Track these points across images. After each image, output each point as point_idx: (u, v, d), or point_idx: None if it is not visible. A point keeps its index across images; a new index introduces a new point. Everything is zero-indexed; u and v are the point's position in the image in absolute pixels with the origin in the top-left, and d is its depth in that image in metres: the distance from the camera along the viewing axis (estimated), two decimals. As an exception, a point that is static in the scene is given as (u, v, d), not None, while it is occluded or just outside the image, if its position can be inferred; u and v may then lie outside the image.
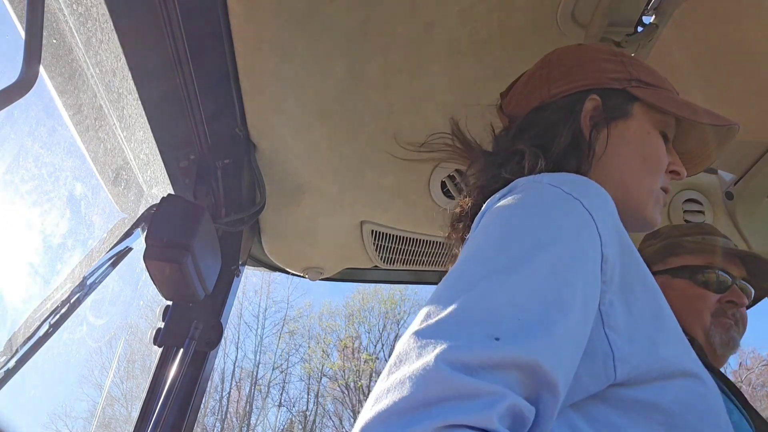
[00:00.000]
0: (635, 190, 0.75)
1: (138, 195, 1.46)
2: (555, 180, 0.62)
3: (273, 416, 18.58)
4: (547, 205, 0.59)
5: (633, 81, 0.79)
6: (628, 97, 0.78)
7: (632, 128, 0.78)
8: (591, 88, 0.79)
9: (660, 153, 0.78)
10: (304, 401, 19.09)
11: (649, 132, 0.78)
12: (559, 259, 0.53)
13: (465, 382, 0.41)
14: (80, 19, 1.06)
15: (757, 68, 1.21)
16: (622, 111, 0.78)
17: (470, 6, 1.11)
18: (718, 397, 0.61)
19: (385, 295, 19.66)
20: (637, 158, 0.77)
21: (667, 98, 0.79)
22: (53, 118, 1.13)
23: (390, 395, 0.43)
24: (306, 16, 1.11)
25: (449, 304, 0.49)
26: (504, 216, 0.60)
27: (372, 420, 0.42)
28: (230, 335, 18.12)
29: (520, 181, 0.66)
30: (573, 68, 0.82)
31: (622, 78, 0.79)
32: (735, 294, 1.15)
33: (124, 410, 1.98)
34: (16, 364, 0.99)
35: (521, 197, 0.62)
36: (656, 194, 0.77)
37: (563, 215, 0.58)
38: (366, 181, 1.55)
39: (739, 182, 1.58)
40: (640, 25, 1.10)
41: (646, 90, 0.79)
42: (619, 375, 0.54)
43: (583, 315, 0.52)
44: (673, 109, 0.77)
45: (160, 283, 1.17)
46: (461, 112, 0.94)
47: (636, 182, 0.76)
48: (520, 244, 0.55)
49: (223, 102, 1.25)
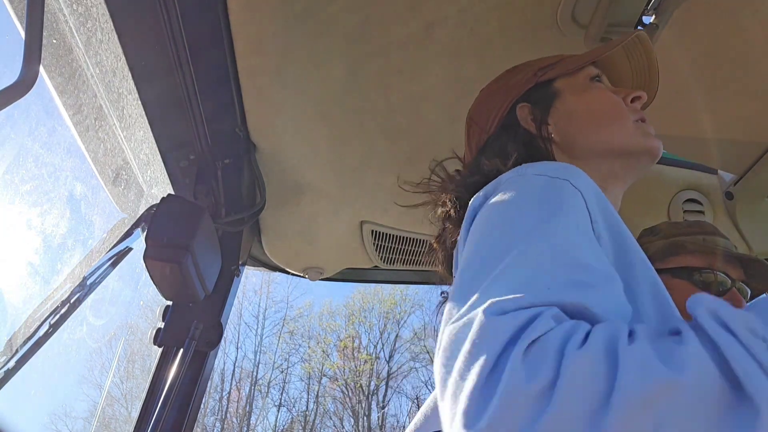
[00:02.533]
0: (615, 139, 0.76)
1: (138, 195, 1.46)
2: (538, 169, 0.63)
3: (273, 416, 18.58)
4: (540, 189, 0.60)
5: (537, 72, 0.85)
6: (543, 85, 0.84)
7: (568, 100, 0.82)
8: (511, 101, 0.85)
9: (604, 98, 0.81)
10: (304, 401, 19.09)
11: (583, 90, 0.82)
12: (569, 225, 0.53)
13: (532, 310, 0.40)
14: (80, 19, 1.06)
15: (757, 68, 1.21)
16: (549, 95, 0.83)
17: (470, 6, 1.11)
18: None
19: (385, 295, 19.67)
20: (591, 117, 0.79)
21: (569, 61, 0.85)
22: (53, 118, 1.13)
23: (459, 367, 0.39)
24: (306, 16, 1.11)
25: (481, 283, 0.47)
26: (501, 207, 0.60)
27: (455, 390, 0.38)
28: (230, 335, 18.12)
29: (503, 177, 0.65)
30: (490, 101, 0.89)
31: (529, 78, 0.86)
32: (734, 297, 1.15)
33: (124, 410, 1.98)
34: (16, 364, 0.99)
35: (512, 188, 0.61)
36: (634, 127, 0.78)
37: (558, 193, 0.58)
38: (366, 181, 1.55)
39: (739, 182, 1.58)
40: (640, 25, 1.10)
41: (552, 70, 0.85)
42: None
43: (608, 267, 0.51)
44: (581, 62, 0.83)
45: (160, 283, 1.17)
46: (461, 112, 0.94)
47: (609, 133, 0.77)
48: (525, 222, 0.54)
49: (223, 102, 1.25)
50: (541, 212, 0.55)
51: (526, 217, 0.55)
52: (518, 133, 0.81)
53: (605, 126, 0.78)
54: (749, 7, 1.09)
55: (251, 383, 18.60)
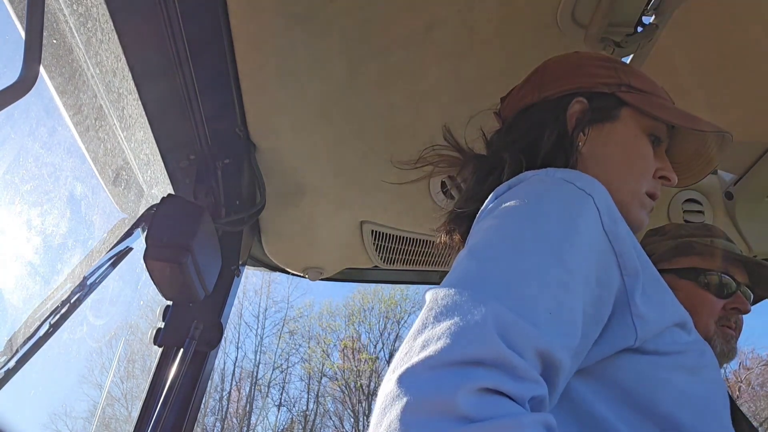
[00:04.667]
0: (618, 192, 0.76)
1: (138, 195, 1.46)
2: (567, 175, 0.65)
3: (273, 416, 18.59)
4: (562, 201, 0.62)
5: (623, 86, 0.81)
6: (616, 101, 0.80)
7: (619, 131, 0.79)
8: (579, 91, 0.81)
9: (646, 157, 0.79)
10: (304, 401, 19.10)
11: (636, 136, 0.79)
12: (579, 256, 0.57)
13: (516, 359, 0.45)
14: (80, 19, 1.06)
15: (757, 68, 1.21)
16: (609, 114, 0.79)
17: (470, 6, 1.11)
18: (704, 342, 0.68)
19: (385, 295, 19.67)
20: (622, 161, 0.78)
21: (658, 104, 0.80)
22: (53, 118, 1.13)
23: (437, 344, 0.45)
24: (306, 16, 1.11)
25: (488, 273, 0.53)
26: (522, 208, 0.62)
27: (420, 365, 0.44)
28: (230, 335, 18.13)
29: (528, 173, 0.68)
30: (564, 73, 0.84)
31: (612, 83, 0.81)
32: (740, 301, 1.15)
33: (124, 410, 1.98)
34: (16, 364, 0.99)
35: (536, 190, 0.64)
36: (640, 198, 0.78)
37: (578, 211, 0.61)
38: (366, 181, 1.55)
39: (739, 182, 1.58)
40: (640, 25, 1.09)
41: (635, 95, 0.80)
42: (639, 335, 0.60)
43: (594, 319, 0.57)
44: (663, 115, 0.78)
45: (160, 283, 1.17)
46: (461, 112, 0.94)
47: (619, 184, 0.76)
48: (541, 238, 0.58)
49: (223, 102, 1.25)
50: (555, 232, 0.58)
51: (540, 240, 0.57)
52: (557, 121, 0.79)
53: (623, 176, 0.77)
54: (749, 7, 1.09)
55: (251, 383, 18.61)
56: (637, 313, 0.60)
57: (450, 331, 0.46)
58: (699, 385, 0.63)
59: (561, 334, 0.51)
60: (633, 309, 0.60)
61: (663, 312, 0.63)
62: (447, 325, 0.47)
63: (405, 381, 0.44)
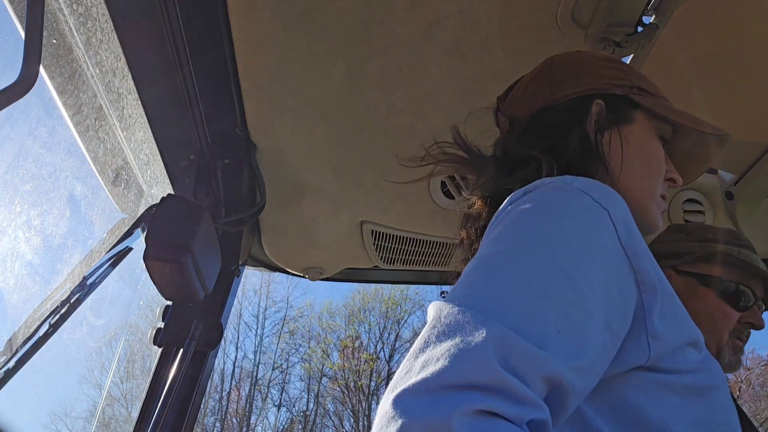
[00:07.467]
0: (639, 194, 0.76)
1: (138, 195, 1.46)
2: (584, 185, 0.64)
3: (273, 416, 18.59)
4: (577, 213, 0.61)
5: (634, 88, 0.81)
6: (630, 103, 0.80)
7: (635, 133, 0.79)
8: (594, 92, 0.80)
9: (661, 159, 0.80)
10: (304, 401, 19.10)
11: (651, 138, 0.80)
12: (593, 272, 0.56)
13: (515, 383, 0.44)
14: (80, 19, 1.06)
15: (757, 68, 1.21)
16: (626, 116, 0.79)
17: (470, 6, 1.11)
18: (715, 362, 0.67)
19: (385, 295, 19.67)
20: (641, 163, 0.78)
21: (666, 106, 0.81)
22: (53, 118, 1.13)
23: (436, 365, 0.45)
24: (306, 16, 1.11)
25: (493, 289, 0.53)
26: (536, 218, 0.61)
27: (417, 387, 0.44)
28: (230, 335, 18.13)
29: (545, 180, 0.67)
30: (575, 72, 0.84)
31: (623, 85, 0.81)
32: (756, 316, 1.15)
33: (124, 410, 1.98)
34: (16, 364, 0.99)
35: (551, 199, 0.63)
36: (657, 200, 0.78)
37: (593, 227, 0.60)
38: (366, 181, 1.55)
39: (739, 182, 1.58)
40: (640, 25, 1.09)
41: (647, 97, 0.81)
42: (653, 353, 0.59)
43: (611, 336, 0.56)
44: (673, 117, 0.79)
45: (160, 283, 1.17)
46: (461, 113, 0.94)
47: (639, 186, 0.77)
48: (554, 253, 0.56)
49: (223, 102, 1.25)
50: (569, 252, 0.57)
51: (554, 249, 0.57)
52: (579, 124, 0.78)
53: (643, 178, 0.78)
54: (749, 7, 1.09)
55: (251, 383, 18.61)
56: (653, 333, 0.58)
57: (450, 353, 0.45)
58: (708, 407, 0.61)
59: (570, 355, 0.49)
60: (649, 328, 0.58)
61: (677, 331, 0.62)
62: (447, 346, 0.46)
63: (401, 403, 0.43)
